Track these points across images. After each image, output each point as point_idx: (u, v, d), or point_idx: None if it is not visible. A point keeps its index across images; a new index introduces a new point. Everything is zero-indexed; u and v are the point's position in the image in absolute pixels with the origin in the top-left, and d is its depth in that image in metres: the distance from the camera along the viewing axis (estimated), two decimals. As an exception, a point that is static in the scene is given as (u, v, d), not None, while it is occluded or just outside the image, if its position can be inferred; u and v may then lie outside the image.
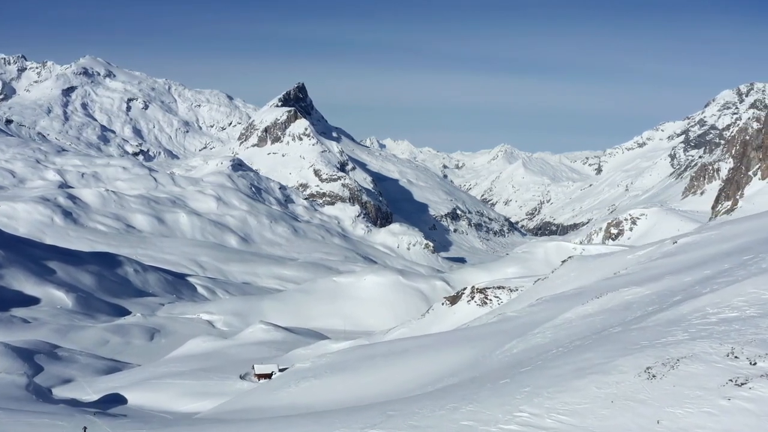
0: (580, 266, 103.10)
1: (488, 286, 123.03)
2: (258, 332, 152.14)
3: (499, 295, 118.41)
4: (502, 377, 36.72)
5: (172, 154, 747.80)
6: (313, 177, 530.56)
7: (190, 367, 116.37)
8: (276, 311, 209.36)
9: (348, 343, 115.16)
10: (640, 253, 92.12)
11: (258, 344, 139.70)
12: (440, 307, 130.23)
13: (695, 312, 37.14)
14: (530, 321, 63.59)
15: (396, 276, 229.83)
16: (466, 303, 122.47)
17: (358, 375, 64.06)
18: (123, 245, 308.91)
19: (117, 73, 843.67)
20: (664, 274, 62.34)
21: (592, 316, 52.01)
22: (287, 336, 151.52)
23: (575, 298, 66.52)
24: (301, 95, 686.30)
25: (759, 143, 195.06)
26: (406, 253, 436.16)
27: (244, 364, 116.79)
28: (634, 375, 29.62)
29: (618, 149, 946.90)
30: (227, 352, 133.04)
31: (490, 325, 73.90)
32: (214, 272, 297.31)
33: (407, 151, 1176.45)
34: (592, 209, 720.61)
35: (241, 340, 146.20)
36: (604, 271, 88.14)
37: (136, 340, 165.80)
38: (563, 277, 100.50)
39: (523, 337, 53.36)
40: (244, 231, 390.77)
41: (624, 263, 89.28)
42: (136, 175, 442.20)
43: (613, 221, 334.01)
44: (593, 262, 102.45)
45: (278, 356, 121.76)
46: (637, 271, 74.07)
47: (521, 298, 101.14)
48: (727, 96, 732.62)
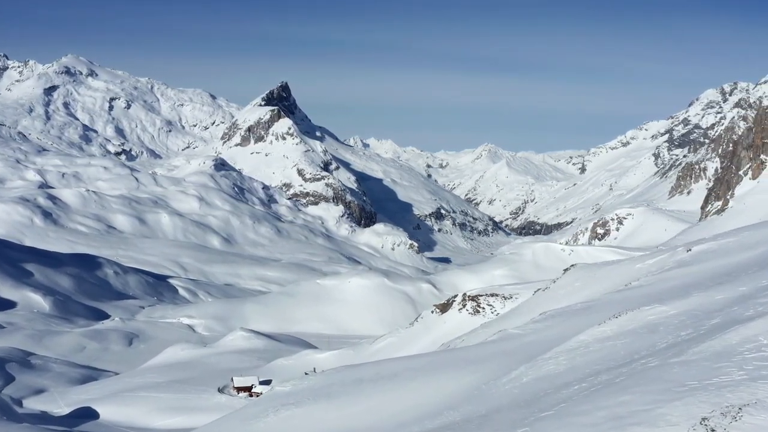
0: (585, 275, 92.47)
1: (480, 293, 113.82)
2: (238, 340, 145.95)
3: (492, 303, 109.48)
4: (519, 423, 31.53)
5: (154, 154, 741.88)
6: (296, 177, 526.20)
7: (166, 378, 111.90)
8: (258, 315, 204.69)
9: (332, 354, 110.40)
10: (651, 262, 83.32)
11: (238, 353, 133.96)
12: (429, 315, 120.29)
13: (747, 342, 31.22)
14: (537, 341, 56.93)
15: (381, 278, 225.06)
16: (457, 311, 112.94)
17: (344, 403, 58.11)
18: (103, 246, 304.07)
19: (99, 72, 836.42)
20: (687, 288, 55.98)
21: (612, 339, 45.93)
22: (269, 344, 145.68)
23: (586, 315, 59.71)
24: (285, 94, 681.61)
25: (749, 142, 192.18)
26: (391, 254, 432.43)
27: (223, 374, 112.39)
28: (688, 429, 23.66)
29: (602, 148, 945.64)
30: (206, 361, 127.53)
31: (490, 345, 65.21)
32: (196, 274, 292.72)
33: (391, 151, 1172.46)
34: (576, 208, 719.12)
35: (221, 348, 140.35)
36: (613, 282, 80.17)
37: (114, 346, 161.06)
38: (567, 287, 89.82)
39: (533, 362, 47.27)
40: (227, 231, 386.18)
41: (634, 273, 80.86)
42: (118, 175, 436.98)
43: (600, 221, 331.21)
44: (599, 270, 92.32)
45: (259, 367, 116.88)
46: (652, 282, 66.71)
47: (521, 309, 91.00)
48: (711, 95, 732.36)
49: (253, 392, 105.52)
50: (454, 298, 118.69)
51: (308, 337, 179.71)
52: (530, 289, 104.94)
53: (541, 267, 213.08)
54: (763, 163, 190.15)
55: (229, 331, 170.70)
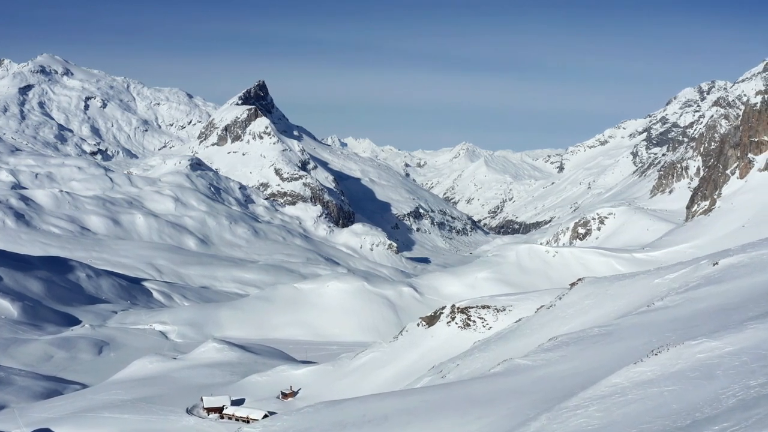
0: (596, 292, 79.12)
1: (471, 304, 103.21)
2: (210, 351, 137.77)
3: (483, 316, 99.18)
4: None
5: (130, 154, 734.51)
6: (274, 176, 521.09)
7: (132, 395, 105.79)
8: (234, 321, 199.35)
9: (310, 370, 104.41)
10: (672, 277, 71.84)
11: (210, 366, 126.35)
12: (415, 328, 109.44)
13: None
14: (552, 377, 46.59)
15: (361, 282, 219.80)
16: (446, 324, 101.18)
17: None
18: (77, 248, 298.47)
19: (75, 71, 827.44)
20: (726, 312, 46.45)
21: (656, 385, 36.54)
22: (243, 356, 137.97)
23: (607, 343, 47.90)
24: (262, 93, 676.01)
25: (737, 141, 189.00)
26: (369, 254, 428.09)
27: (193, 391, 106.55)
28: None
29: (580, 147, 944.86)
30: (175, 375, 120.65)
31: (496, 379, 53.79)
32: (172, 276, 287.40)
33: (369, 150, 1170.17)
34: (555, 207, 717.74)
35: (192, 360, 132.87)
36: (630, 300, 67.90)
37: (83, 355, 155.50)
38: (576, 305, 75.94)
39: (555, 411, 37.56)
40: (203, 232, 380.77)
41: (654, 290, 69.41)
42: (92, 175, 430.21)
43: (581, 221, 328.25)
44: (612, 286, 79.15)
45: (231, 383, 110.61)
46: (679, 303, 55.50)
47: (523, 330, 77.20)
48: (689, 94, 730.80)
49: (224, 414, 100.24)
50: (442, 310, 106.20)
51: (285, 344, 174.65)
52: (525, 301, 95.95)
53: (525, 269, 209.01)
54: (751, 162, 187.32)
55: (204, 339, 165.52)
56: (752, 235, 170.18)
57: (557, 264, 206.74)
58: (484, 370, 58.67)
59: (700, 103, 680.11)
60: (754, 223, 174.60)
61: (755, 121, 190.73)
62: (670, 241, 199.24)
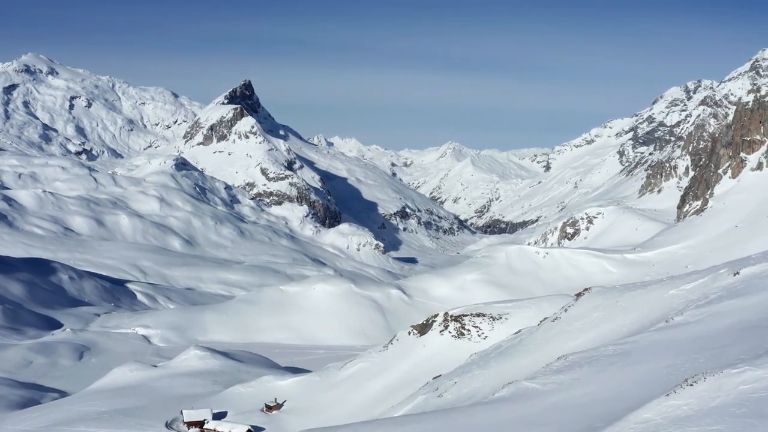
0: (605, 303, 70.54)
1: (464, 312, 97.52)
2: (192, 359, 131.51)
3: (478, 325, 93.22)
4: None
5: (116, 153, 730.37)
6: (260, 176, 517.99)
7: (111, 406, 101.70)
8: (218, 325, 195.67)
9: (295, 381, 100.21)
10: (688, 287, 63.88)
11: (191, 375, 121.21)
12: (406, 336, 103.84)
13: None
14: (566, 404, 40.40)
15: (348, 284, 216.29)
16: (439, 333, 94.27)
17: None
18: (60, 249, 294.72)
19: (60, 71, 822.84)
20: (757, 330, 40.72)
21: (695, 423, 31.54)
22: (225, 364, 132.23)
23: (627, 365, 41.19)
24: (248, 93, 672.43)
25: (729, 140, 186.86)
26: (356, 254, 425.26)
27: (174, 402, 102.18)
28: None
29: (566, 146, 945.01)
30: (155, 385, 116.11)
31: (501, 406, 47.54)
32: (156, 277, 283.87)
33: (355, 149, 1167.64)
34: (542, 206, 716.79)
35: (173, 368, 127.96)
36: (644, 313, 60.36)
37: (63, 360, 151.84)
38: (583, 318, 67.99)
39: None
40: (188, 233, 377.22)
41: (669, 302, 61.62)
42: (76, 175, 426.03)
43: (569, 220, 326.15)
44: (622, 297, 70.33)
45: (213, 394, 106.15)
46: (700, 318, 49.12)
47: (526, 345, 68.61)
48: (675, 93, 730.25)
49: (205, 428, 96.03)
50: (434, 318, 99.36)
51: (271, 349, 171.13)
52: (522, 308, 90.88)
53: (515, 270, 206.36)
54: (743, 161, 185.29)
55: (187, 343, 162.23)
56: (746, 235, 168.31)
57: (547, 265, 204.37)
58: (486, 392, 53.20)
59: (686, 103, 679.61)
60: (748, 224, 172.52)
61: (747, 120, 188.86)
62: (661, 242, 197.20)
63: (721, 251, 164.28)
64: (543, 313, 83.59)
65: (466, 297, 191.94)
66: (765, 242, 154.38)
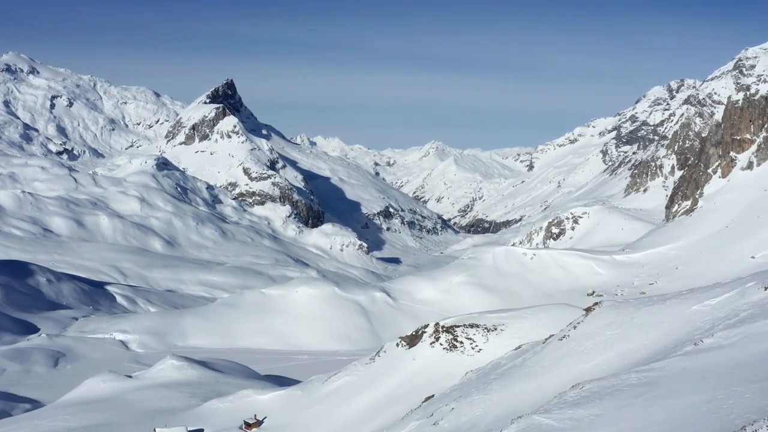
0: (619, 320, 60.16)
1: (457, 323, 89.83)
2: (168, 369, 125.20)
3: (472, 336, 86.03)
4: None
5: (97, 153, 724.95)
6: (242, 176, 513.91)
7: (81, 421, 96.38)
8: (198, 330, 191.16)
9: (276, 396, 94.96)
10: (713, 303, 53.71)
11: (168, 387, 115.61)
12: (394, 348, 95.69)
13: None
14: None
15: (331, 287, 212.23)
16: (429, 345, 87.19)
17: None
18: (39, 251, 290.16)
19: (41, 70, 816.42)
20: None
21: None
22: (203, 374, 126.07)
23: (659, 398, 33.45)
24: (230, 92, 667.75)
25: (718, 139, 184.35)
26: (339, 255, 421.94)
27: (147, 418, 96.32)
28: None
29: (549, 145, 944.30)
30: (129, 398, 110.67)
31: None
32: (137, 279, 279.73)
33: (338, 149, 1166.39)
34: (525, 206, 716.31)
35: (148, 379, 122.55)
36: (664, 332, 51.18)
37: (38, 368, 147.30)
38: (595, 337, 57.71)
39: None
40: (169, 234, 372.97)
41: (692, 319, 52.38)
42: (56, 175, 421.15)
43: (554, 220, 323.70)
44: (638, 313, 59.75)
45: (190, 408, 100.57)
46: (735, 341, 40.84)
47: (531, 366, 58.73)
48: (658, 92, 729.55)
49: None
50: (425, 329, 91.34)
51: (252, 354, 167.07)
52: (518, 318, 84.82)
53: (502, 272, 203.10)
54: (734, 160, 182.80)
55: (166, 348, 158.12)
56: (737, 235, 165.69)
57: (535, 267, 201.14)
58: (489, 423, 45.69)
59: (669, 102, 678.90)
60: (738, 224, 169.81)
61: (737, 119, 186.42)
62: (650, 242, 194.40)
63: (712, 252, 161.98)
64: (541, 324, 78.45)
65: (453, 300, 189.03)
66: (757, 243, 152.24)
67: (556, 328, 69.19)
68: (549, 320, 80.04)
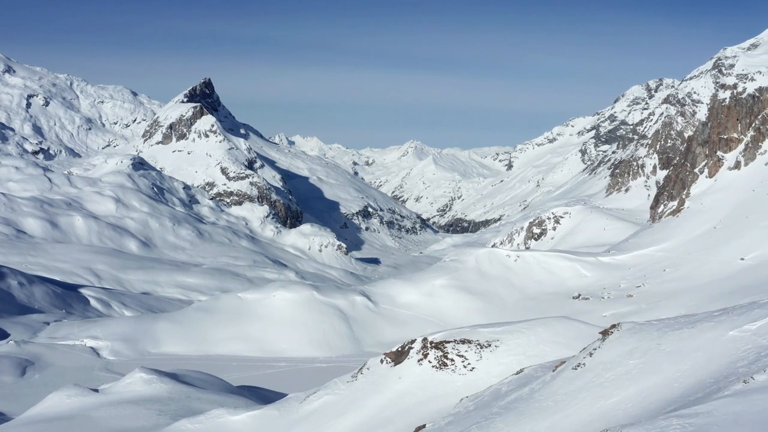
0: (643, 347, 41.66)
1: (447, 338, 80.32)
2: (137, 383, 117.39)
3: (463, 353, 76.66)
4: None
5: (74, 153, 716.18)
6: (220, 175, 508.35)
7: None
8: (172, 336, 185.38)
9: (249, 416, 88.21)
10: (753, 328, 36.33)
11: (135, 403, 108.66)
12: (378, 366, 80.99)
13: None
14: None
15: (310, 291, 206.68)
16: (417, 363, 78.06)
17: None
18: (12, 253, 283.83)
19: (16, 69, 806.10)
20: None
21: None
22: (174, 388, 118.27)
23: None
24: (208, 91, 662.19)
25: (705, 138, 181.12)
26: (318, 255, 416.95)
27: None
28: None
29: (528, 145, 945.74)
30: (94, 415, 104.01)
31: None
32: (111, 282, 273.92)
33: (317, 148, 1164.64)
34: (504, 205, 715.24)
35: (115, 394, 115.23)
36: (699, 362, 38.95)
37: (4, 377, 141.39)
38: (616, 367, 45.50)
39: None
40: (145, 234, 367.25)
41: (731, 346, 34.35)
42: (30, 175, 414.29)
43: (535, 220, 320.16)
44: (664, 339, 40.83)
45: (158, 428, 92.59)
46: None
47: (540, 399, 46.49)
48: (637, 91, 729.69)
49: None
50: (411, 345, 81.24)
51: (228, 361, 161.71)
52: (514, 333, 77.39)
53: (485, 275, 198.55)
54: (721, 160, 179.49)
55: (138, 356, 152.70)
56: (725, 236, 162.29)
57: (519, 269, 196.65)
58: None
59: (648, 101, 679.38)
60: (726, 225, 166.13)
61: (725, 118, 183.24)
62: (636, 244, 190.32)
63: (701, 254, 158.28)
64: (539, 341, 71.52)
65: (435, 303, 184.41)
66: (746, 244, 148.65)
67: (556, 345, 62.89)
68: (548, 336, 72.60)
